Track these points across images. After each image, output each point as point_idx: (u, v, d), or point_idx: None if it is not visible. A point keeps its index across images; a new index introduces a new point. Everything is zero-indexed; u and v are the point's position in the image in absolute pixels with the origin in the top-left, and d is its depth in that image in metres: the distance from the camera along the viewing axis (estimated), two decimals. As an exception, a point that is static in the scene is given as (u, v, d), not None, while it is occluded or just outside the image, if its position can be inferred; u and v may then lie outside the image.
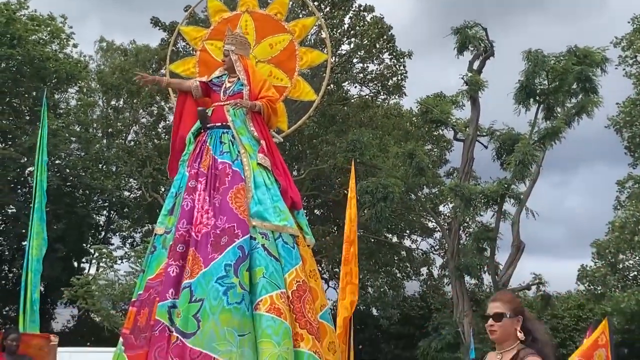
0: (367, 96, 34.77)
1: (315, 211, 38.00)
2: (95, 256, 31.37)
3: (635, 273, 28.87)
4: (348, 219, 10.01)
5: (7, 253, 32.48)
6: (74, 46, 34.64)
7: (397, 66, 33.33)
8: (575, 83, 27.65)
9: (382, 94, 35.09)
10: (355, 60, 33.60)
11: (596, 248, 27.93)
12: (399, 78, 33.68)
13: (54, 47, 33.35)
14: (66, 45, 34.01)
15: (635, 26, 28.50)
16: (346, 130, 31.45)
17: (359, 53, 33.14)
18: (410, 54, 33.05)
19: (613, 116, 29.58)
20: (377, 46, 32.76)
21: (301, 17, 8.71)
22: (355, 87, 34.87)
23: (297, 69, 8.24)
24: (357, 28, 32.37)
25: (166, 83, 7.90)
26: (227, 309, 6.04)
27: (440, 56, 65.24)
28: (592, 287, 29.10)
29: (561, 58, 27.85)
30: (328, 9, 31.64)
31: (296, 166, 33.28)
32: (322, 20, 8.89)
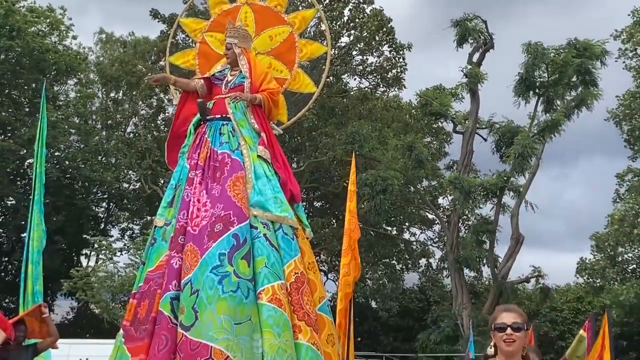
0: (367, 88, 34.76)
1: (314, 203, 38.02)
2: (94, 248, 31.37)
3: (634, 266, 28.92)
4: (348, 212, 10.03)
5: (7, 245, 32.46)
6: (74, 38, 34.68)
7: (397, 58, 33.32)
8: (575, 76, 27.65)
9: (382, 87, 35.08)
10: (354, 52, 33.57)
11: (595, 241, 27.99)
12: (399, 70, 33.67)
13: (53, 39, 33.33)
14: (65, 37, 34.00)
15: (635, 19, 28.46)
16: (345, 122, 31.43)
17: (359, 45, 33.10)
18: (409, 47, 33.03)
19: (613, 109, 29.61)
20: (377, 38, 32.73)
21: (301, 9, 8.67)
22: (354, 80, 34.92)
23: (297, 61, 8.22)
24: (357, 20, 32.33)
25: (173, 81, 7.86)
26: (223, 298, 6.03)
27: (441, 49, 65.17)
28: (591, 280, 29.19)
29: (561, 51, 27.84)
30: (328, 1, 31.56)
31: (295, 158, 33.25)
32: (322, 12, 8.85)
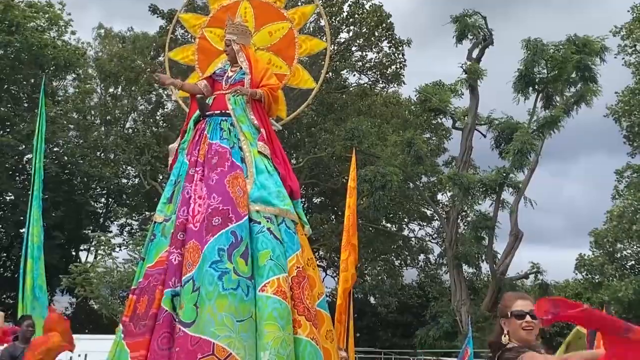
0: (366, 84, 34.74)
1: (313, 199, 38.03)
2: (93, 244, 31.37)
3: (632, 262, 28.93)
4: (348, 208, 10.02)
5: (5, 240, 32.44)
6: (72, 33, 34.60)
7: (396, 54, 33.30)
8: (574, 72, 27.66)
9: (381, 83, 35.08)
10: (354, 48, 33.57)
11: (594, 237, 28.01)
12: (398, 66, 33.65)
13: (52, 34, 33.25)
14: (64, 32, 33.93)
15: (634, 15, 28.41)
16: (345, 118, 31.43)
17: (358, 41, 33.10)
18: (409, 42, 33.03)
19: (612, 105, 29.57)
20: (376, 34, 32.72)
21: (300, 5, 8.63)
22: (354, 75, 34.93)
23: (296, 57, 8.20)
24: (356, 16, 32.31)
25: (180, 86, 7.80)
26: (223, 295, 5.99)
27: (440, 45, 65.19)
28: (590, 276, 29.19)
29: (560, 47, 27.84)
30: (327, -3, 31.56)
31: (294, 154, 33.24)
32: (321, 8, 8.82)
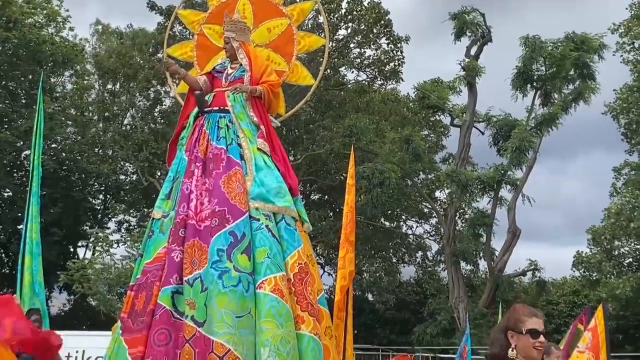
0: (364, 81, 34.72)
1: (311, 196, 38.01)
2: (91, 240, 31.34)
3: (630, 259, 28.94)
4: (346, 205, 9.99)
5: (3, 237, 32.41)
6: (71, 29, 34.53)
7: (394, 51, 33.29)
8: (572, 69, 27.68)
9: (379, 80, 35.05)
10: (352, 45, 33.54)
11: (592, 234, 28.02)
12: (396, 63, 33.63)
13: (50, 31, 33.20)
14: (62, 28, 33.87)
15: (633, 12, 28.42)
16: (343, 115, 31.42)
17: (356, 38, 33.07)
18: (407, 39, 33.01)
19: (610, 103, 29.57)
20: (374, 31, 32.69)
21: (299, 1, 8.62)
22: (352, 72, 34.89)
23: (295, 53, 8.19)
24: (355, 13, 32.29)
25: (184, 75, 7.77)
26: (223, 292, 6.01)
27: (440, 42, 65.13)
28: (588, 274, 29.21)
29: (559, 44, 27.84)
30: (325, -6, 31.53)
31: (293, 151, 33.23)
32: (320, 4, 8.80)
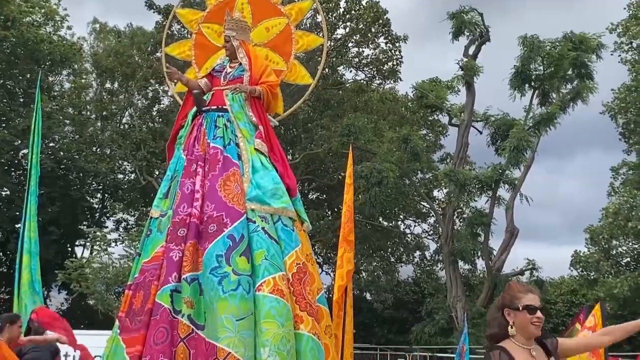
0: (363, 81, 34.69)
1: (309, 195, 37.99)
2: (89, 239, 31.31)
3: (628, 259, 28.98)
4: (345, 204, 10.00)
5: (1, 235, 32.36)
6: (68, 28, 34.50)
7: (393, 51, 33.26)
8: (570, 69, 27.68)
9: (378, 79, 35.03)
10: (350, 44, 33.51)
11: (590, 234, 28.05)
12: (395, 63, 33.61)
13: (48, 29, 33.16)
14: (60, 27, 33.84)
15: (631, 12, 28.44)
16: (341, 114, 31.40)
17: (355, 37, 33.05)
18: (405, 39, 32.98)
19: (608, 102, 29.61)
20: (373, 30, 32.67)
21: (297, 1, 8.61)
22: (350, 72, 34.85)
23: (293, 53, 8.18)
24: (353, 12, 32.26)
25: (186, 81, 7.72)
26: (223, 297, 6.03)
27: (439, 42, 65.15)
28: (586, 273, 29.24)
29: (557, 44, 27.84)
30: (324, -7, 31.48)
31: (291, 150, 33.21)
32: (318, 3, 8.79)
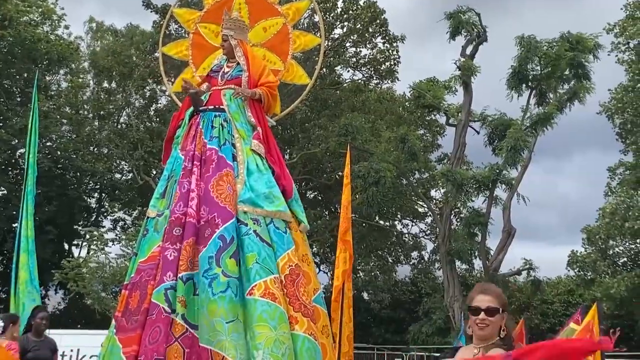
0: (360, 80, 34.67)
1: (306, 195, 37.97)
2: (86, 239, 31.26)
3: (625, 259, 29.01)
4: (342, 204, 10.00)
5: (-2, 235, 32.32)
6: (66, 28, 34.47)
7: (390, 51, 33.25)
8: (567, 69, 27.68)
9: (375, 79, 35.01)
10: (348, 44, 33.50)
11: (587, 234, 28.08)
12: (392, 63, 33.60)
13: (46, 29, 33.12)
14: (57, 26, 33.80)
15: (628, 12, 28.46)
16: (338, 114, 31.38)
17: (352, 37, 33.03)
18: (403, 39, 32.97)
19: (605, 102, 29.63)
20: (370, 30, 32.66)
21: (294, 1, 8.60)
22: (347, 72, 34.82)
23: (291, 53, 8.19)
24: (350, 12, 32.25)
25: (195, 92, 7.58)
26: (213, 300, 6.04)
27: (440, 42, 65.19)
28: (582, 273, 29.26)
29: (554, 44, 27.86)
30: (321, -7, 31.46)
31: (288, 150, 33.19)
32: (316, 3, 8.80)
